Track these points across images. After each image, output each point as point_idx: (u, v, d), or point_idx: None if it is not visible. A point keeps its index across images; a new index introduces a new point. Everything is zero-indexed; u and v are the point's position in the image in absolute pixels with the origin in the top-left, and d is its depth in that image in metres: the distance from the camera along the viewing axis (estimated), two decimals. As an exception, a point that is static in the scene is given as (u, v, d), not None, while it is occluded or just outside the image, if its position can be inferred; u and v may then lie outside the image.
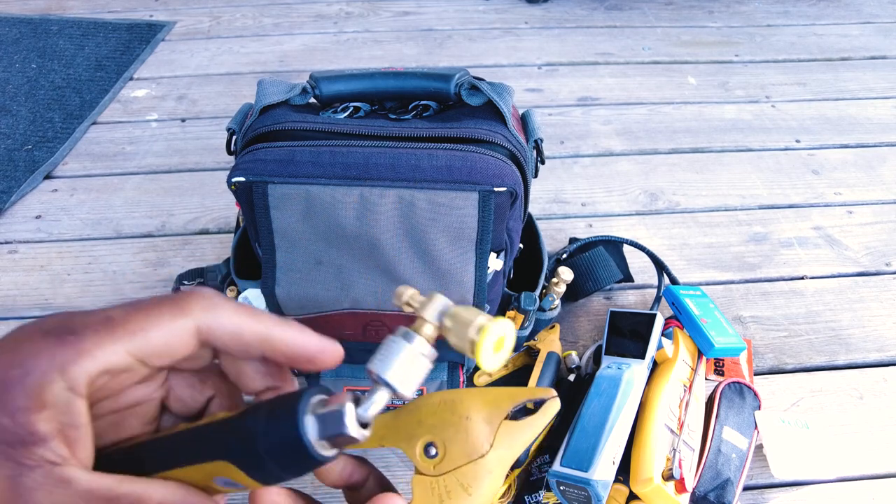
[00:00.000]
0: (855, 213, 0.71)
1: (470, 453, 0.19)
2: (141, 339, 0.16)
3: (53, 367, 0.15)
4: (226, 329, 0.17)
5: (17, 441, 0.14)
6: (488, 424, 0.19)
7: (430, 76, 0.44)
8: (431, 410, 0.20)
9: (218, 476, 0.17)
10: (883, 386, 0.53)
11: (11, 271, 0.64)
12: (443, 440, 0.19)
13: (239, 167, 0.40)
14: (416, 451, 0.20)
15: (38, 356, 0.15)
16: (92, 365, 0.15)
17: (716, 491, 0.43)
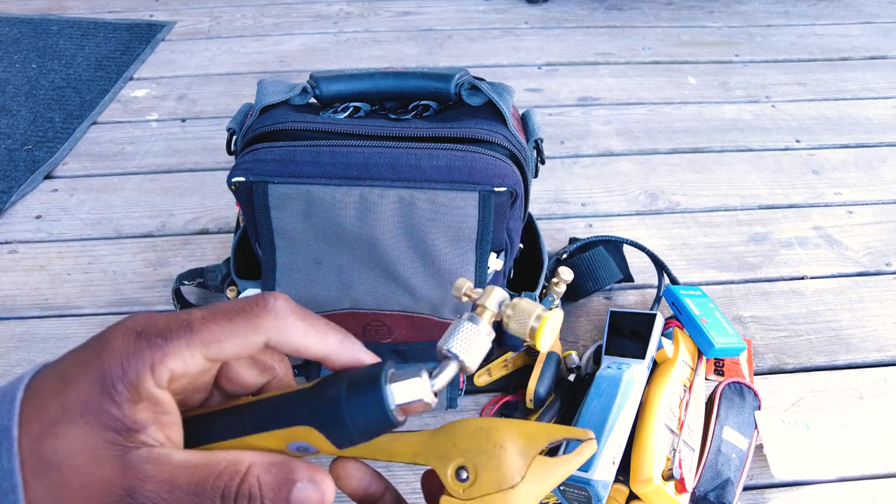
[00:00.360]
0: (855, 213, 0.71)
1: (500, 482, 0.19)
2: (216, 349, 0.18)
3: (146, 367, 0.17)
4: (291, 347, 0.19)
5: (124, 429, 0.17)
6: (522, 457, 0.20)
7: (431, 76, 0.44)
8: (467, 435, 0.20)
9: (294, 441, 0.19)
10: (883, 386, 0.53)
11: (11, 271, 0.64)
12: (475, 465, 0.20)
13: (239, 167, 0.40)
14: (448, 472, 0.20)
15: (132, 357, 0.17)
16: (176, 366, 0.18)
17: (716, 491, 0.43)
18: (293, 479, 0.17)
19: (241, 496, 0.16)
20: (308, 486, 0.17)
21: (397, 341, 0.45)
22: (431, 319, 0.44)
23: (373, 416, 0.18)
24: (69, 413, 0.17)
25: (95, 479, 0.16)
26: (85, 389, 0.17)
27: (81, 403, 0.17)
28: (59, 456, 0.16)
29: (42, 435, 0.17)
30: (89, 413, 0.17)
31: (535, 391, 0.49)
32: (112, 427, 0.17)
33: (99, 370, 0.17)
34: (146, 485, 0.16)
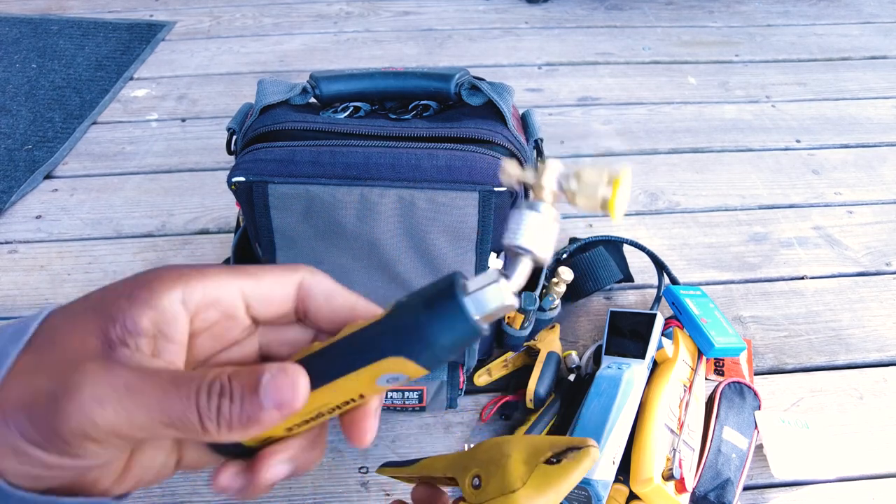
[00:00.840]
0: (855, 212, 0.71)
1: (503, 487, 0.21)
2: (253, 282, 0.19)
3: (180, 279, 0.18)
4: (321, 290, 0.20)
5: (120, 322, 0.17)
6: (525, 465, 0.22)
7: (431, 76, 0.44)
8: (485, 449, 0.23)
9: (384, 374, 0.18)
10: (883, 386, 0.53)
11: (11, 271, 0.64)
12: (486, 474, 0.22)
13: (239, 167, 0.40)
14: (466, 480, 0.22)
15: (173, 270, 0.18)
16: (211, 288, 0.18)
17: (716, 491, 0.43)
18: (262, 370, 0.17)
19: (213, 389, 0.16)
20: (278, 373, 0.17)
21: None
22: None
23: (458, 332, 0.18)
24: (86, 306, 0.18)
25: (76, 355, 0.17)
26: (114, 286, 0.18)
27: (102, 295, 0.18)
28: (57, 330, 0.17)
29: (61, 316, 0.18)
30: (102, 303, 0.18)
31: (535, 391, 0.49)
32: (112, 317, 0.17)
33: (137, 274, 0.18)
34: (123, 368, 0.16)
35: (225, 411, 0.16)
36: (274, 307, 0.20)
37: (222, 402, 0.16)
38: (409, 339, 0.18)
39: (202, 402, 0.16)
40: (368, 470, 0.47)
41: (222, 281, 0.19)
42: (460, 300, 0.18)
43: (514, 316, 0.49)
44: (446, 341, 0.18)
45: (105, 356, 0.17)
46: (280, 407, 0.17)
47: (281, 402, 0.17)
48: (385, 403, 0.48)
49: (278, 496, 0.46)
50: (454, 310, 0.18)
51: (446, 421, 0.50)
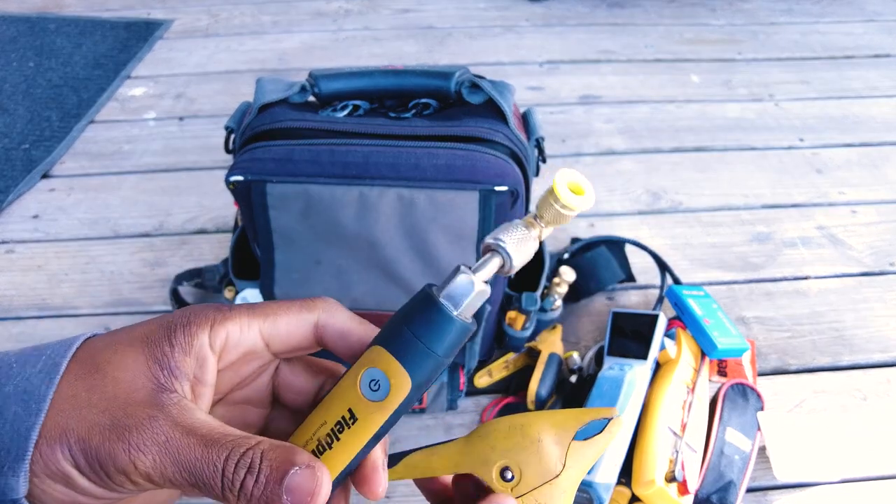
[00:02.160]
0: (859, 212, 0.71)
1: (544, 474, 0.20)
2: (271, 322, 0.20)
3: (207, 323, 0.19)
4: (337, 329, 0.21)
5: (168, 369, 0.18)
6: (558, 446, 0.21)
7: (431, 74, 0.43)
8: (503, 436, 0.21)
9: (366, 369, 0.19)
10: (886, 387, 0.53)
11: (8, 271, 0.64)
12: (517, 463, 0.21)
13: (237, 166, 0.39)
14: (493, 475, 0.21)
15: (199, 313, 0.20)
16: (233, 330, 0.20)
17: (719, 493, 0.43)
18: (293, 460, 0.18)
19: (242, 463, 0.17)
20: (305, 471, 0.18)
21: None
22: (432, 320, 0.43)
23: (445, 332, 0.18)
24: (133, 340, 0.19)
25: (128, 396, 0.18)
26: (151, 327, 0.19)
27: (145, 335, 0.19)
28: (108, 364, 0.18)
29: (105, 347, 0.19)
30: (148, 344, 0.19)
31: (537, 392, 0.49)
32: (159, 361, 0.18)
33: (168, 318, 0.20)
34: (167, 421, 0.17)
35: (248, 487, 0.17)
36: (292, 345, 0.21)
37: (248, 478, 0.17)
38: (391, 335, 0.19)
39: (228, 472, 0.17)
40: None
41: (243, 324, 0.20)
42: (438, 302, 0.19)
43: (515, 317, 0.49)
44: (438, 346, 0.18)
45: (153, 402, 0.18)
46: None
47: (300, 500, 0.17)
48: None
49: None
50: (435, 313, 0.18)
51: (447, 423, 0.50)
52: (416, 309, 0.19)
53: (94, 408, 0.17)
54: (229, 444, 0.17)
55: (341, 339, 0.21)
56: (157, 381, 0.18)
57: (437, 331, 0.18)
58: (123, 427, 0.17)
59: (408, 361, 0.18)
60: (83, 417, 0.17)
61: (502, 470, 0.20)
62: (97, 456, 0.17)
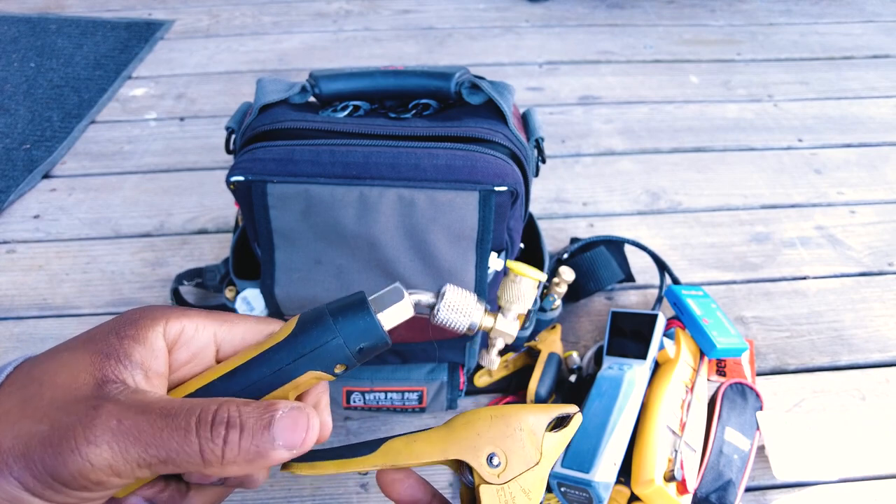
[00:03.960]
0: (857, 212, 0.71)
1: (528, 462, 0.21)
2: (227, 327, 0.20)
3: (161, 317, 0.19)
4: None
5: (114, 356, 0.17)
6: (536, 435, 0.22)
7: (431, 75, 0.44)
8: (486, 424, 0.22)
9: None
10: (885, 387, 0.53)
11: (9, 271, 0.64)
12: (504, 450, 0.22)
13: (238, 166, 0.39)
14: (481, 460, 0.21)
15: (154, 310, 0.19)
16: (189, 327, 0.19)
17: (717, 492, 0.43)
18: (275, 407, 0.17)
19: (218, 419, 0.16)
20: (291, 412, 0.17)
21: (396, 341, 0.45)
22: (431, 320, 0.44)
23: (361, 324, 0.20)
24: (75, 343, 0.18)
25: (68, 395, 0.16)
26: (97, 329, 0.19)
27: (89, 336, 0.18)
28: (45, 374, 0.17)
29: (44, 360, 0.18)
30: (91, 340, 0.18)
31: (536, 392, 0.49)
32: (104, 353, 0.17)
33: (117, 317, 0.19)
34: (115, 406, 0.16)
35: (233, 443, 0.16)
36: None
37: (230, 433, 0.16)
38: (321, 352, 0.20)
39: (204, 432, 0.16)
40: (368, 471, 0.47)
41: (199, 322, 0.19)
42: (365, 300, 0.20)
43: (514, 316, 0.49)
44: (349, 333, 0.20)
45: (96, 394, 0.16)
46: (290, 448, 0.16)
47: (292, 443, 0.16)
48: (384, 405, 0.48)
49: (277, 498, 0.45)
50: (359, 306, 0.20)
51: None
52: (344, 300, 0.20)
53: (29, 419, 0.16)
54: (196, 408, 0.16)
55: None
56: (102, 374, 0.17)
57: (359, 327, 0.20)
58: (65, 427, 0.15)
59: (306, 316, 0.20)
60: (17, 433, 0.15)
61: (489, 456, 0.21)
62: (43, 467, 0.15)
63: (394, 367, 0.48)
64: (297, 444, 0.16)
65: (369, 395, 0.47)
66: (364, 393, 0.47)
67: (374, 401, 0.47)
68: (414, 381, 0.47)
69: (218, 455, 0.16)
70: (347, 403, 0.47)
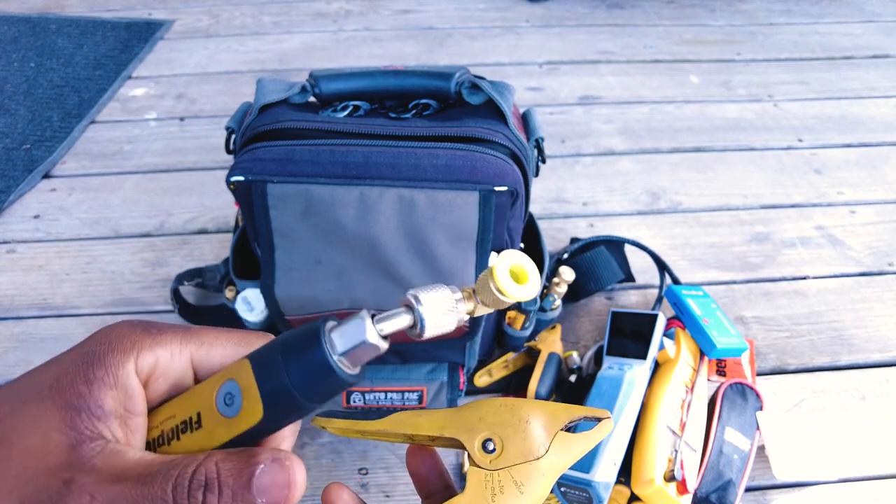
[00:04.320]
0: (858, 212, 0.71)
1: (526, 454, 0.20)
2: (205, 350, 0.18)
3: (132, 350, 0.17)
4: None
5: (87, 411, 0.16)
6: (546, 431, 0.21)
7: (431, 74, 0.43)
8: (492, 410, 0.21)
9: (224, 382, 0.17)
10: (885, 387, 0.53)
11: (9, 271, 0.64)
12: (501, 437, 0.20)
13: (238, 166, 0.39)
14: (475, 444, 0.20)
15: (124, 338, 0.17)
16: (163, 356, 0.17)
17: (717, 492, 0.43)
18: (256, 461, 0.16)
19: (195, 483, 0.15)
20: (273, 465, 0.16)
21: (396, 341, 0.45)
22: (431, 320, 0.43)
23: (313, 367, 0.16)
24: (40, 390, 0.16)
25: (38, 465, 0.15)
26: (62, 367, 0.16)
27: (55, 379, 0.16)
28: (13, 433, 0.16)
29: (10, 411, 0.16)
30: (59, 388, 0.16)
31: (536, 392, 0.49)
32: (74, 406, 0.16)
33: (84, 348, 0.17)
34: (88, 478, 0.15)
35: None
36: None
37: (208, 498, 0.15)
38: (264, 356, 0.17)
39: (181, 499, 0.15)
40: (368, 471, 0.47)
41: (175, 349, 0.18)
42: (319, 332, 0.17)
43: (514, 316, 0.49)
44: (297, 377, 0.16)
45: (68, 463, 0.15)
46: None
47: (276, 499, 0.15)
48: (384, 404, 0.48)
49: (277, 498, 0.45)
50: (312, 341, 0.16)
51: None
52: (298, 338, 0.17)
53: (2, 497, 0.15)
54: (173, 472, 0.15)
55: None
56: (76, 433, 0.15)
57: (307, 370, 0.16)
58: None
59: (266, 391, 0.16)
60: None
61: (485, 441, 0.20)
62: None
63: (394, 366, 0.48)
64: (282, 500, 0.16)
65: (369, 395, 0.47)
66: (364, 393, 0.47)
67: (374, 401, 0.47)
68: (414, 381, 0.47)
69: None
70: (347, 403, 0.47)
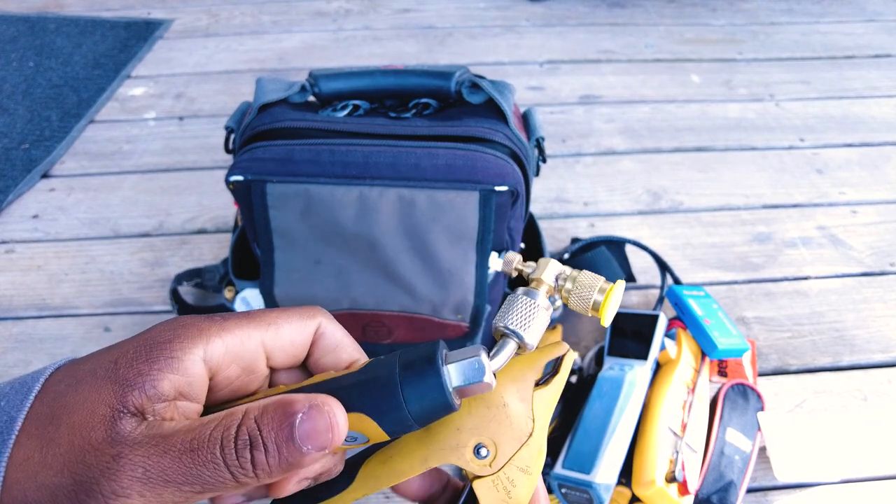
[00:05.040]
0: (859, 212, 0.71)
1: (519, 437, 0.19)
2: (274, 332, 0.18)
3: (200, 337, 0.17)
4: (333, 340, 0.20)
5: (139, 387, 0.16)
6: (523, 402, 0.20)
7: (431, 74, 0.43)
8: (466, 414, 0.20)
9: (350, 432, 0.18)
10: (887, 387, 0.53)
11: (8, 271, 0.64)
12: (490, 437, 0.19)
13: (237, 166, 0.39)
14: (467, 456, 0.19)
15: (190, 327, 0.17)
16: (232, 343, 0.17)
17: (719, 493, 0.43)
18: (293, 410, 0.16)
19: (241, 443, 0.15)
20: (311, 412, 0.16)
21: (397, 342, 0.45)
22: (431, 320, 0.43)
23: (430, 400, 0.17)
24: (96, 370, 0.16)
25: (86, 441, 0.15)
26: (124, 349, 0.17)
27: (114, 360, 0.16)
28: (63, 410, 0.16)
29: (66, 389, 0.16)
30: (115, 368, 0.16)
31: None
32: (129, 383, 0.16)
33: (148, 335, 0.17)
34: (136, 451, 0.15)
35: (262, 463, 0.15)
36: (291, 356, 0.19)
37: (256, 455, 0.15)
38: (378, 398, 0.17)
39: (231, 461, 0.15)
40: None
41: (244, 334, 0.18)
42: (440, 368, 0.17)
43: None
44: (415, 407, 0.17)
45: (114, 437, 0.15)
46: (321, 449, 0.16)
47: (322, 445, 0.16)
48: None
49: (277, 499, 0.45)
50: (432, 378, 0.17)
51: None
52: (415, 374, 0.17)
53: (51, 469, 0.15)
54: (217, 433, 0.15)
55: (333, 353, 0.19)
56: (121, 407, 0.16)
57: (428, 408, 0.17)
58: (90, 482, 0.15)
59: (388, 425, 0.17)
60: (42, 485, 0.15)
61: (476, 449, 0.19)
62: None
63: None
64: (327, 444, 0.16)
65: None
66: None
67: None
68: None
69: (251, 477, 0.15)
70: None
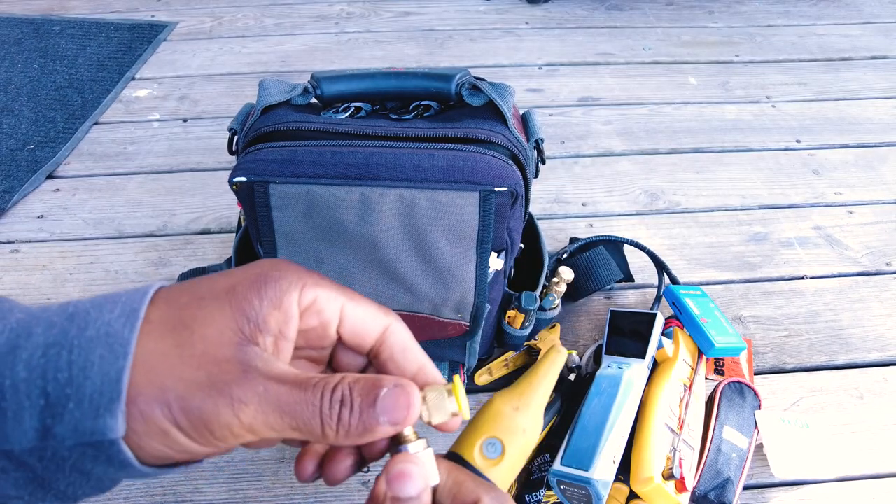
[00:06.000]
0: (855, 212, 0.71)
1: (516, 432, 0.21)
2: (353, 305, 0.21)
3: (299, 281, 0.19)
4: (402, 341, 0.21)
5: (254, 320, 0.18)
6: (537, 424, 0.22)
7: (431, 76, 0.44)
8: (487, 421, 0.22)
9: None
10: (883, 386, 0.53)
11: (14, 271, 0.64)
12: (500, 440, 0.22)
13: (240, 167, 0.40)
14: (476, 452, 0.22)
15: (293, 271, 0.20)
16: (322, 296, 0.20)
17: (716, 490, 0.43)
18: (381, 384, 0.18)
19: (335, 398, 0.18)
20: (395, 390, 0.18)
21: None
22: (432, 319, 0.44)
23: None
24: (217, 292, 0.19)
25: (217, 352, 0.18)
26: (238, 279, 0.19)
27: (230, 287, 0.19)
28: (194, 321, 0.18)
29: (189, 303, 0.18)
30: (234, 295, 0.18)
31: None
32: (246, 314, 0.18)
33: (256, 270, 0.19)
34: (259, 373, 0.17)
35: (345, 420, 0.17)
36: (360, 334, 0.21)
37: (343, 411, 0.18)
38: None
39: (325, 409, 0.17)
40: (369, 469, 0.47)
41: (331, 294, 0.20)
42: None
43: (514, 316, 0.49)
44: None
45: (241, 357, 0.18)
46: (394, 423, 0.18)
47: (395, 419, 0.18)
48: None
49: (279, 496, 0.46)
50: None
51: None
52: None
53: (188, 365, 0.17)
54: (320, 384, 0.18)
55: (401, 354, 0.21)
56: (242, 335, 0.18)
57: None
58: (223, 383, 0.17)
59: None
60: (179, 376, 0.17)
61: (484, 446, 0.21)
62: (200, 415, 0.17)
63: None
64: (401, 420, 0.18)
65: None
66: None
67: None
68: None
69: (334, 429, 0.18)
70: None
